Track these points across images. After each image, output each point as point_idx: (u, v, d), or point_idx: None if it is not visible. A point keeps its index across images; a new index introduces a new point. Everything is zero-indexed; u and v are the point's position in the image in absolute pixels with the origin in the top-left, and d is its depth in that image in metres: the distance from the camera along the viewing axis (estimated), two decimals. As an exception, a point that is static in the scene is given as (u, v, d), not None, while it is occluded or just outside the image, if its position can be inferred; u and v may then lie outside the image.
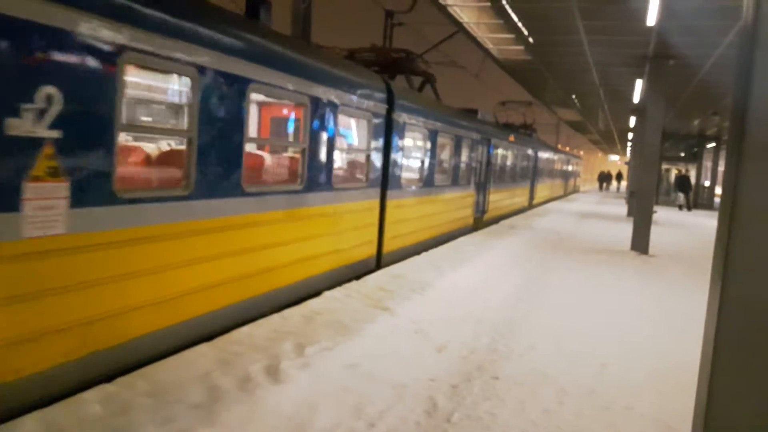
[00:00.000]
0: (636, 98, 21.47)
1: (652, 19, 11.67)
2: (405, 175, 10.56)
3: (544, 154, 28.49)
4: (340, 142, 8.62)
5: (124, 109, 4.42)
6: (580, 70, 18.92)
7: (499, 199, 18.76)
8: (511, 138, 19.80)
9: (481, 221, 16.35)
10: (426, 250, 11.44)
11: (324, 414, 4.21)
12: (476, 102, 20.39)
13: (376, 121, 8.93)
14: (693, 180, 32.96)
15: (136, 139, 6.85)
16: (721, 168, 36.19)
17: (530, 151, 24.32)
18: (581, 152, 79.74)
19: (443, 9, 13.91)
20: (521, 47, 17.07)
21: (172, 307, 5.02)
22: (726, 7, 10.59)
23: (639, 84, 19.30)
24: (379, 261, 9.46)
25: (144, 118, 7.60)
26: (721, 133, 31.79)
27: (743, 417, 2.53)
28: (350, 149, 9.85)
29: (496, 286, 8.94)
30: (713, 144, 36.14)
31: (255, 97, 6.46)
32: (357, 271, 8.65)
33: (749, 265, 2.47)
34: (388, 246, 9.73)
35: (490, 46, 17.38)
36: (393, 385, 4.81)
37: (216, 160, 5.41)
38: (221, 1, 7.19)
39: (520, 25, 14.50)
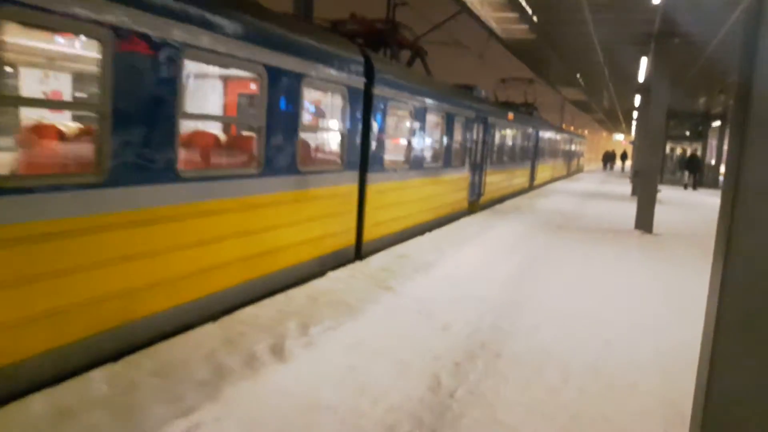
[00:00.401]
0: (641, 77, 21.31)
1: (657, -5, 11.54)
2: (388, 156, 9.80)
3: (545, 134, 27.66)
4: (306, 120, 7.78)
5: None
6: (585, 48, 18.77)
7: (496, 180, 18.05)
8: (510, 116, 19.04)
9: (477, 204, 15.66)
10: (414, 236, 10.72)
11: (328, 391, 4.25)
12: (480, 82, 20.27)
13: (352, 96, 7.99)
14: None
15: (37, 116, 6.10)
16: (726, 147, 35.91)
17: (531, 130, 23.47)
18: (585, 132, 79.29)
19: (446, -13, 13.75)
20: (525, 26, 16.93)
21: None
22: (733, -16, 10.46)
23: (644, 62, 19.14)
24: (359, 251, 8.66)
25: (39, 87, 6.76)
26: (726, 111, 31.56)
27: (744, 394, 2.55)
28: (321, 128, 9.06)
29: (500, 265, 8.95)
30: (719, 122, 35.86)
31: (192, 65, 5.50)
32: (330, 264, 7.77)
33: (752, 243, 2.47)
34: (370, 234, 8.93)
35: (493, 25, 17.23)
36: (397, 363, 4.85)
37: (135, 139, 4.50)
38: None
39: (524, 3, 14.35)
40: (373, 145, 8.76)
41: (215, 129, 7.17)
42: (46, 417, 3.54)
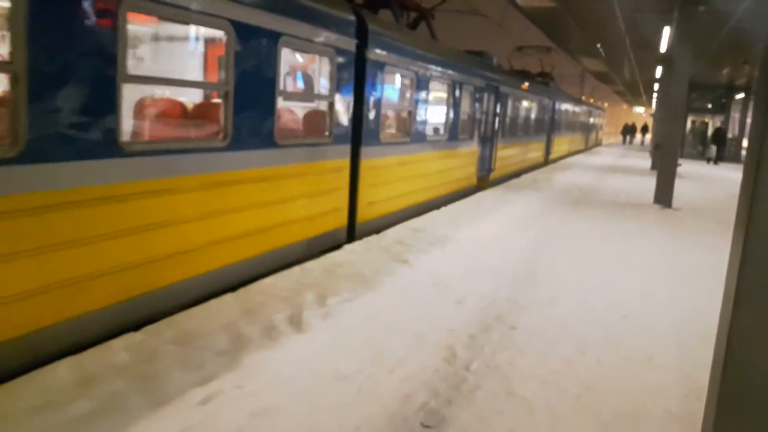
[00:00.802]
0: (663, 47, 20.82)
1: (682, -38, 11.22)
2: (386, 128, 9.12)
3: (562, 105, 26.46)
4: (285, 86, 7.07)
5: None
6: (606, 17, 18.34)
7: (508, 155, 17.07)
8: (524, 86, 18.03)
9: (486, 180, 14.76)
10: (416, 216, 9.96)
11: (345, 361, 4.30)
12: (499, 52, 19.95)
13: (341, 59, 7.11)
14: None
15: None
16: (749, 120, 35.25)
17: (547, 101, 22.28)
18: (605, 104, 78.10)
19: (464, -45, 13.48)
20: (545, -6, 16.57)
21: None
22: (762, -51, 10.12)
23: (667, 32, 18.68)
24: (352, 232, 7.97)
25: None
26: (751, 83, 30.82)
27: (762, 368, 2.54)
28: (304, 96, 8.12)
29: (516, 239, 8.93)
30: (742, 95, 35.11)
31: (137, 19, 5.06)
32: (317, 248, 7.12)
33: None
34: (364, 214, 8.20)
35: (513, -7, 16.89)
36: (412, 335, 4.89)
37: (62, 105, 3.80)
38: None
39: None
40: (368, 115, 8.00)
41: (185, 97, 6.46)
42: (70, 383, 3.63)
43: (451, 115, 11.53)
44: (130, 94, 4.65)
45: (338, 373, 4.11)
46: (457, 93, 11.70)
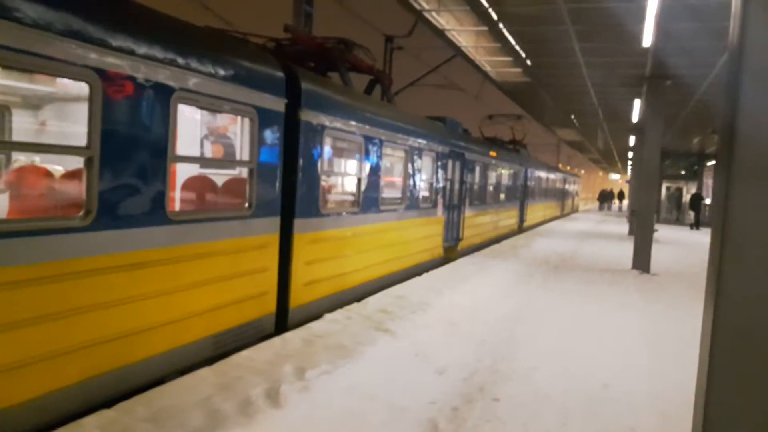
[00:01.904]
0: (635, 118, 21.64)
1: (647, 40, 11.84)
2: (329, 197, 8.31)
3: (535, 172, 26.26)
4: (188, 150, 6.32)
5: None
6: (579, 91, 19.11)
7: (478, 223, 16.34)
8: (493, 153, 17.58)
9: (454, 251, 14.08)
10: (372, 294, 9.00)
11: (324, 438, 4.20)
12: (476, 122, 20.52)
13: (264, 120, 6.20)
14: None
15: None
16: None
17: (518, 168, 21.96)
18: (581, 171, 79.94)
19: (441, 34, 14.10)
20: (519, 69, 17.27)
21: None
22: (721, 28, 10.72)
23: (637, 104, 19.46)
24: (284, 319, 6.83)
25: None
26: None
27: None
28: (213, 161, 7.31)
29: (497, 306, 8.93)
30: (713, 162, 36.24)
31: None
32: (232, 343, 5.89)
33: (741, 284, 2.50)
34: (301, 297, 7.10)
35: (488, 68, 17.59)
36: (393, 408, 4.80)
37: None
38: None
39: (517, 48, 14.69)
40: (304, 184, 7.08)
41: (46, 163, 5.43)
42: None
43: (411, 182, 10.72)
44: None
45: (316, 450, 4.00)
46: (417, 159, 10.93)
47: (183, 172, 6.56)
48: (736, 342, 2.53)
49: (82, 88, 4.24)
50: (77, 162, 4.49)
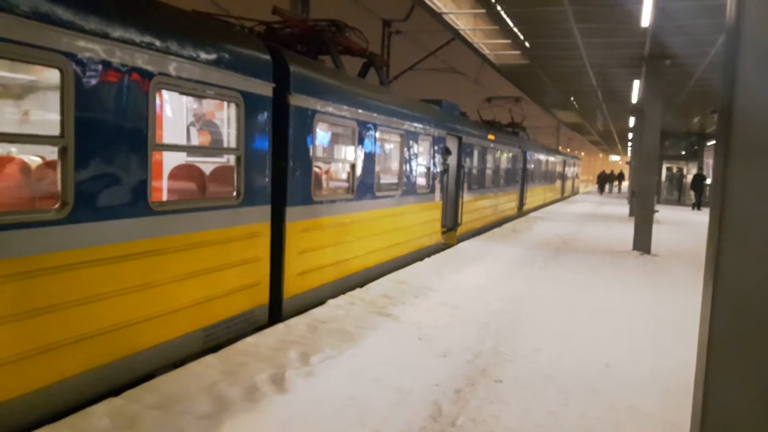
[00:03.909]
0: (634, 98, 21.55)
1: (646, 20, 11.76)
2: (322, 185, 8.25)
3: (535, 155, 26.00)
4: (173, 138, 6.20)
5: None
6: (577, 72, 19.00)
7: (477, 207, 16.21)
8: (491, 136, 17.32)
9: (453, 236, 13.96)
10: (372, 280, 8.99)
11: (329, 421, 4.25)
12: (475, 106, 20.46)
13: (251, 106, 6.03)
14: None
15: None
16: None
17: (518, 151, 21.73)
18: (582, 153, 79.74)
19: (439, 17, 13.99)
20: (517, 52, 17.16)
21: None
22: (719, 6, 10.65)
23: (636, 84, 19.37)
24: (278, 310, 6.75)
25: None
26: (720, 130, 31.73)
27: (739, 413, 2.57)
28: (198, 149, 7.04)
29: (499, 290, 8.97)
30: (714, 142, 36.16)
31: None
32: (224, 335, 5.83)
33: (739, 263, 2.52)
34: (295, 287, 6.99)
35: (486, 51, 17.47)
36: (397, 391, 4.85)
37: None
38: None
39: (515, 30, 14.59)
40: (295, 171, 6.93)
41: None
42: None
43: (407, 167, 10.57)
44: None
45: (322, 434, 4.05)
46: (412, 144, 10.76)
47: (169, 161, 6.46)
48: (734, 321, 2.56)
49: (53, 74, 4.05)
50: (53, 152, 4.33)
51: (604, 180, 51.62)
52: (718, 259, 2.53)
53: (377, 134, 9.16)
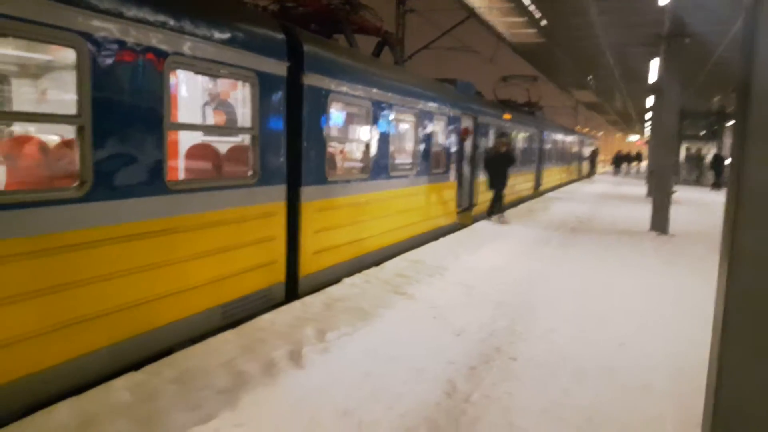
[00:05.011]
0: (653, 78, 21.24)
1: (665, -3, 11.56)
2: (336, 165, 8.21)
3: (551, 135, 25.41)
4: (182, 117, 6.27)
5: None
6: (595, 51, 18.80)
7: None
8: (507, 116, 17.14)
9: (468, 216, 13.79)
10: (385, 260, 8.95)
11: (345, 397, 4.32)
12: (491, 86, 20.27)
13: (265, 85, 6.01)
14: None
15: None
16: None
17: (534, 131, 21.39)
18: (600, 133, 78.89)
19: (454, -6, 13.87)
20: (534, 30, 16.98)
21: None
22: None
23: (655, 63, 19.09)
24: (294, 288, 6.78)
25: None
26: (741, 110, 31.22)
27: (753, 394, 2.58)
28: (213, 128, 7.00)
29: (514, 269, 8.98)
30: (733, 122, 35.57)
31: None
32: (240, 313, 5.89)
33: (756, 243, 2.51)
34: (310, 265, 7.04)
35: (502, 30, 17.30)
36: (412, 368, 4.91)
37: None
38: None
39: (531, 7, 14.41)
40: (310, 151, 6.93)
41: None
42: (71, 425, 3.65)
43: (421, 147, 10.53)
44: None
45: (338, 410, 4.13)
46: (427, 123, 10.67)
47: (185, 140, 6.50)
48: (750, 300, 2.55)
49: (70, 54, 4.11)
50: (70, 132, 4.42)
51: (621, 160, 49.96)
52: (734, 238, 2.52)
53: (391, 114, 9.11)
